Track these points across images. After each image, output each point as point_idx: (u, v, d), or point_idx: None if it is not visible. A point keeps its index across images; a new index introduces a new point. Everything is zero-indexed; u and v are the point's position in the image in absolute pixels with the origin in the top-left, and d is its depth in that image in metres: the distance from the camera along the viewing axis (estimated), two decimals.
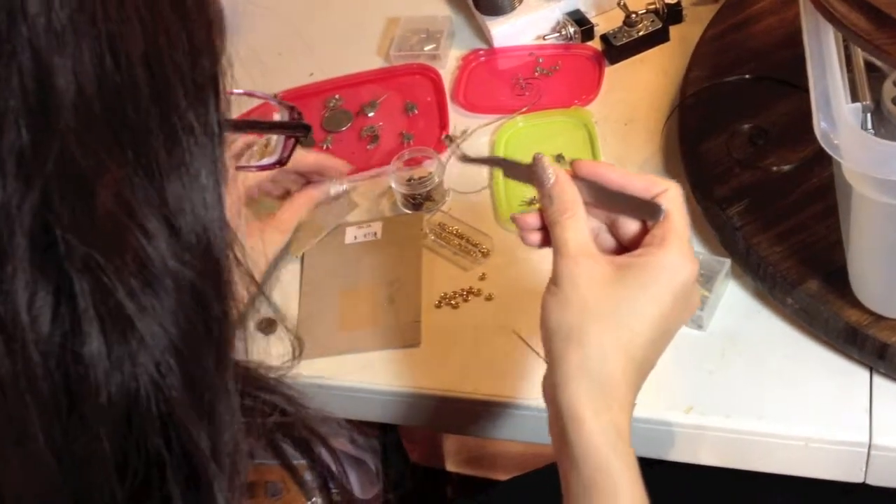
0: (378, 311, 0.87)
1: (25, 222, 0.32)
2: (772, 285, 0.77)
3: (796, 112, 0.86)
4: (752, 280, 0.80)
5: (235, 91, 0.57)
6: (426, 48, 1.08)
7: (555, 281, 0.58)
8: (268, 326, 0.80)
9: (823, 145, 0.62)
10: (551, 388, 0.57)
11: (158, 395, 0.36)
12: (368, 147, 1.01)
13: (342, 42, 1.12)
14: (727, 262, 0.80)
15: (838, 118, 0.62)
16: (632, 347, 0.57)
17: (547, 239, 0.62)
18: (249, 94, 0.57)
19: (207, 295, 0.37)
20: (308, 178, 0.91)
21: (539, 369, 0.80)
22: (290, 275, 0.92)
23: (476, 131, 1.00)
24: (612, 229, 0.62)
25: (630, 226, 0.61)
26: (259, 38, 1.13)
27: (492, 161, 0.74)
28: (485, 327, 0.85)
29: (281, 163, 0.57)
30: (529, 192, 0.93)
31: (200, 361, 0.37)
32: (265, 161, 0.58)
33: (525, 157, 0.99)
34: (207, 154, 0.37)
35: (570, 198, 0.60)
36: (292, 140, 0.57)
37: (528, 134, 0.98)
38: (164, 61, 0.36)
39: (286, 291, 0.91)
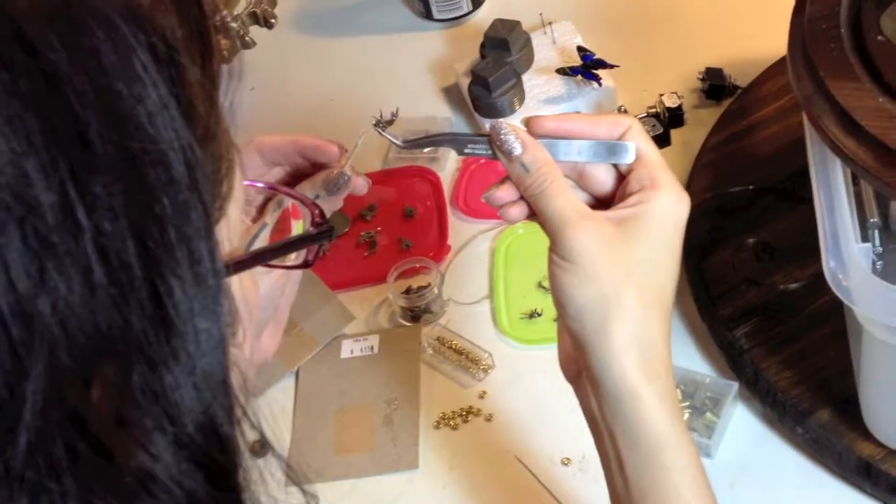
0: (375, 433, 0.84)
1: (15, 468, 0.30)
2: (781, 413, 0.75)
3: (802, 226, 0.84)
4: (761, 405, 0.77)
5: (258, 184, 0.55)
6: (425, 150, 1.06)
7: (563, 255, 0.53)
8: (260, 449, 0.77)
9: (833, 287, 0.60)
10: (593, 368, 0.52)
11: None
12: (365, 255, 0.99)
13: (343, 143, 1.11)
14: (735, 385, 0.78)
15: (848, 260, 0.60)
16: (663, 300, 0.53)
17: (530, 209, 0.56)
18: (272, 188, 0.55)
19: (217, 483, 0.35)
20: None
21: (542, 500, 0.78)
22: (284, 391, 0.89)
23: (477, 237, 0.99)
24: (581, 182, 0.57)
25: (601, 174, 0.56)
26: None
27: (439, 139, 0.60)
28: (485, 451, 0.82)
29: (308, 264, 0.53)
30: (531, 304, 0.91)
31: None
32: (289, 262, 0.55)
33: (525, 267, 0.99)
34: (210, 321, 0.34)
35: (545, 161, 0.54)
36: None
37: (529, 241, 0.96)
38: (159, 258, 0.33)
39: (280, 407, 0.88)
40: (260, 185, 0.56)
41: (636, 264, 0.52)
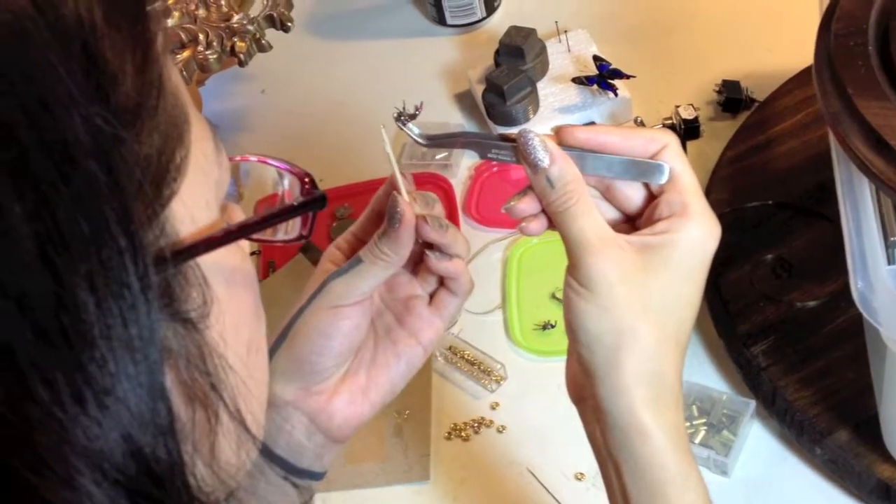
0: (385, 443, 0.83)
1: None
2: (799, 432, 0.74)
3: (821, 243, 0.83)
4: (778, 424, 0.76)
5: (250, 158, 0.51)
6: (438, 157, 1.06)
7: (581, 281, 0.50)
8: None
9: (861, 309, 0.59)
10: (600, 399, 0.51)
11: None
12: None
13: (352, 148, 1.10)
14: (752, 403, 0.77)
15: (876, 281, 0.59)
16: (679, 335, 0.51)
17: (551, 222, 0.53)
18: (263, 161, 0.51)
19: None
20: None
21: None
22: None
23: (489, 246, 0.98)
24: (607, 195, 0.53)
25: (629, 190, 0.53)
26: (268, 141, 1.11)
27: (461, 138, 0.55)
28: (497, 463, 0.82)
29: (304, 237, 0.45)
30: (545, 315, 0.90)
31: None
32: (285, 236, 0.49)
33: (538, 277, 0.98)
34: (134, 332, 0.29)
35: (572, 178, 0.51)
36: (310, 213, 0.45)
37: (543, 251, 0.95)
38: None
39: None
40: (253, 159, 0.52)
41: (655, 297, 0.50)
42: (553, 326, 0.89)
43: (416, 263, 0.58)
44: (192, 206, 0.34)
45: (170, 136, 0.33)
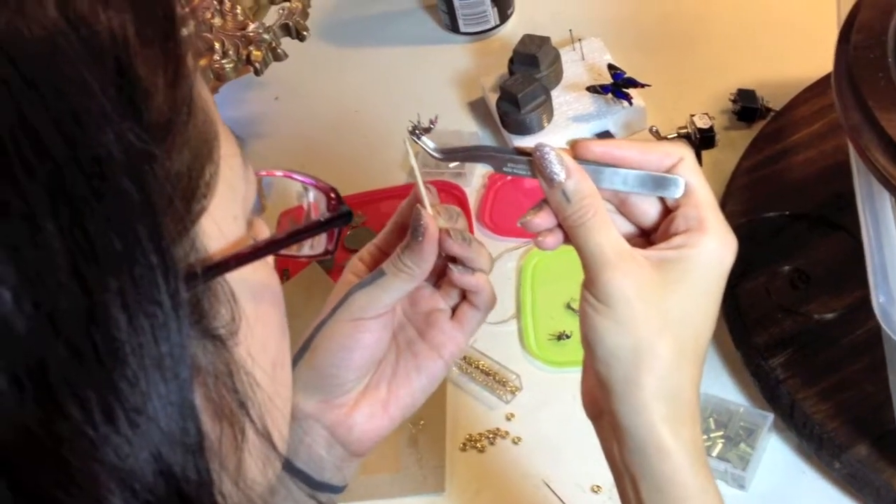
0: (400, 454, 0.83)
1: None
2: (818, 446, 0.74)
3: (838, 255, 0.83)
4: (797, 437, 0.76)
5: (276, 172, 0.48)
6: (451, 165, 1.05)
7: (599, 296, 0.50)
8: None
9: (882, 323, 0.59)
10: (618, 415, 0.50)
11: None
12: None
13: (365, 156, 1.10)
14: (770, 416, 0.77)
15: None
16: (698, 349, 0.51)
17: (566, 234, 0.52)
18: (288, 176, 0.51)
19: None
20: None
21: None
22: None
23: (503, 255, 0.97)
24: (622, 209, 0.53)
25: (645, 205, 0.52)
26: (281, 149, 1.11)
27: (477, 154, 0.55)
28: (512, 474, 0.81)
29: (329, 252, 0.44)
30: (560, 325, 0.90)
31: None
32: (311, 251, 0.46)
33: (553, 286, 0.98)
34: (165, 350, 0.29)
35: (588, 192, 0.50)
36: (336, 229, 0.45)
37: (558, 261, 0.95)
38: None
39: None
40: (279, 174, 0.52)
41: (673, 312, 0.50)
42: (568, 337, 0.89)
43: (439, 277, 0.57)
44: (221, 222, 0.34)
45: (200, 152, 0.33)
